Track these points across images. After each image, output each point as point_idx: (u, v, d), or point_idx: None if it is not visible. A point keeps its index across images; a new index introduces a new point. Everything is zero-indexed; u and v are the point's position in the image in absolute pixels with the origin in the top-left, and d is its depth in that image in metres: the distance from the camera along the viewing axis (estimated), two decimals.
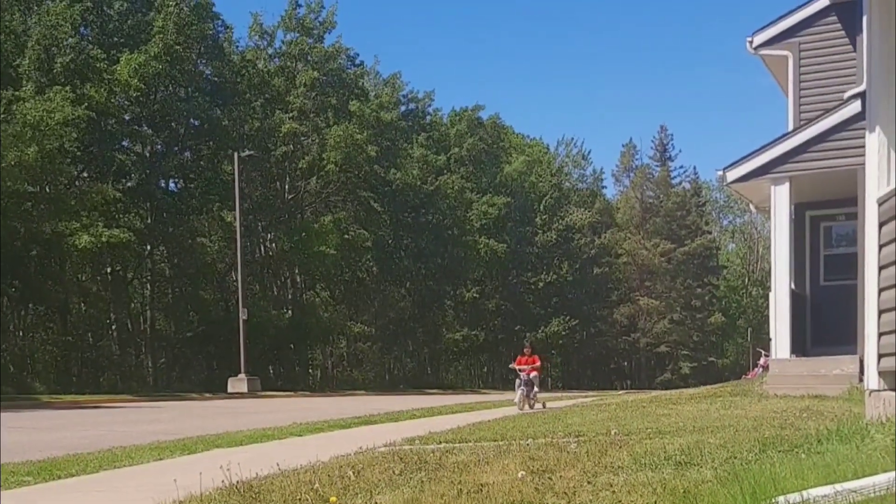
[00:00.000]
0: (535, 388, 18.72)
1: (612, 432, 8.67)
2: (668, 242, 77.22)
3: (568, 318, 68.32)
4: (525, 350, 19.52)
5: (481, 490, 5.11)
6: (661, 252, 77.12)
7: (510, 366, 19.63)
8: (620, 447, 6.91)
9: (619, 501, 4.57)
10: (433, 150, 61.95)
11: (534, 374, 18.53)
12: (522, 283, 69.73)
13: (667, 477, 5.24)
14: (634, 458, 6.17)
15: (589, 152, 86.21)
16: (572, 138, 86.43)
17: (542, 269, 69.70)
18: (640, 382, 74.83)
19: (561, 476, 5.51)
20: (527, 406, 18.02)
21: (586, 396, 29.69)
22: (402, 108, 61.60)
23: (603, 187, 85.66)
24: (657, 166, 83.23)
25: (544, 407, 18.62)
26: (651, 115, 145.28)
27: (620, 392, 48.72)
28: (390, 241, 59.20)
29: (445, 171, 61.43)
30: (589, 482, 5.22)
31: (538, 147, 77.21)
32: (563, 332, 68.24)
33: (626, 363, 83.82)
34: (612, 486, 5.06)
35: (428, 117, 65.54)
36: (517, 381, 18.46)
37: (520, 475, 5.58)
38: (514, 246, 66.12)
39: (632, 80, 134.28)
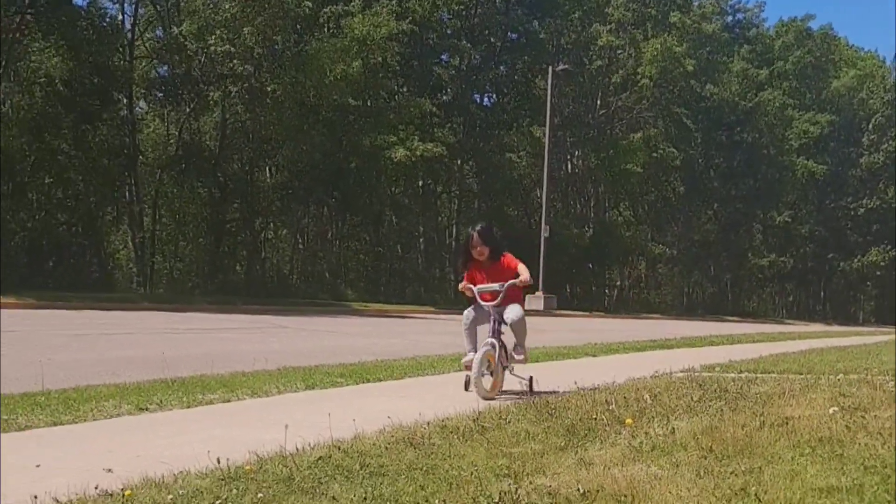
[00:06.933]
0: (515, 338, 7.07)
1: None
2: None
3: (889, 247, 63.86)
4: (475, 249, 6.92)
5: (786, 423, 4.85)
6: None
7: (462, 286, 7.07)
8: None
9: None
10: (755, 63, 59.24)
11: (512, 306, 6.87)
12: (840, 207, 65.92)
13: None
14: None
15: None
16: None
17: (864, 194, 65.36)
18: None
19: (875, 416, 5.12)
20: (490, 380, 6.69)
21: None
22: (729, 18, 59.27)
23: None
24: None
25: (531, 391, 6.88)
26: None
27: None
28: (700, 161, 57.86)
29: (767, 87, 58.73)
30: None
31: (872, 60, 71.25)
32: (882, 263, 64.19)
33: None
34: None
35: (753, 29, 62.63)
36: (469, 314, 7.05)
37: (831, 411, 5.24)
38: (835, 168, 62.62)
39: None
